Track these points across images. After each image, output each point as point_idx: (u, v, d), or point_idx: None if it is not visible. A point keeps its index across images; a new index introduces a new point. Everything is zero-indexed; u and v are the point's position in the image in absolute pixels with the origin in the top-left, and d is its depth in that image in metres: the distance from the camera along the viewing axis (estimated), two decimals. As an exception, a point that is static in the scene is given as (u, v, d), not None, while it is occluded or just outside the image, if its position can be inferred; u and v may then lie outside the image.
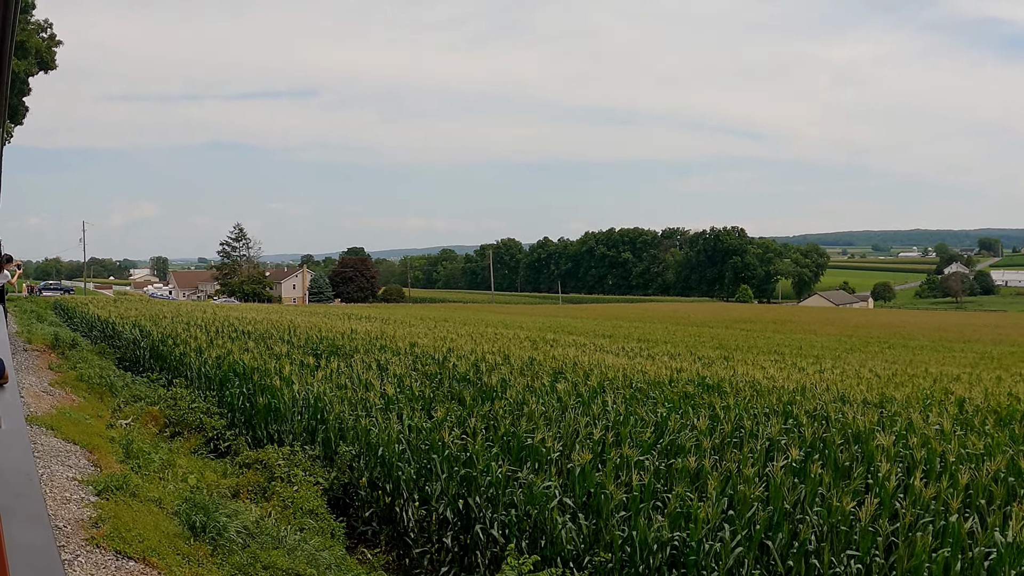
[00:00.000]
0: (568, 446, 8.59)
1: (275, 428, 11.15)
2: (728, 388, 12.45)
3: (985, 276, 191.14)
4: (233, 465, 10.51)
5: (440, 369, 12.84)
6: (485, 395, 10.82)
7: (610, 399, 10.23)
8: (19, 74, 24.36)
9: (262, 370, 12.49)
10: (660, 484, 7.52)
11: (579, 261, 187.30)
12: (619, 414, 9.38)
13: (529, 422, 8.90)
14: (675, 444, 8.77)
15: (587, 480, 7.53)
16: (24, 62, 24.87)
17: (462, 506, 7.93)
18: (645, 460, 8.09)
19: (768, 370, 18.04)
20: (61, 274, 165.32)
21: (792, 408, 10.81)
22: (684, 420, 9.43)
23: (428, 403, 10.34)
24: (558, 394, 10.49)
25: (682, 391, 11.61)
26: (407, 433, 8.95)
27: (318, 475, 9.38)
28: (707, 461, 7.86)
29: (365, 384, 11.26)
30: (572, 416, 9.60)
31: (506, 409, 9.77)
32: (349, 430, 9.70)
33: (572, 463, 7.86)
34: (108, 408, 13.07)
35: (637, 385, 12.08)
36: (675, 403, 10.58)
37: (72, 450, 8.76)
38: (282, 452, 9.80)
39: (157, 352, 17.75)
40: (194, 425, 12.33)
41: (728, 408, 10.43)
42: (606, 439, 8.63)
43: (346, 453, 9.40)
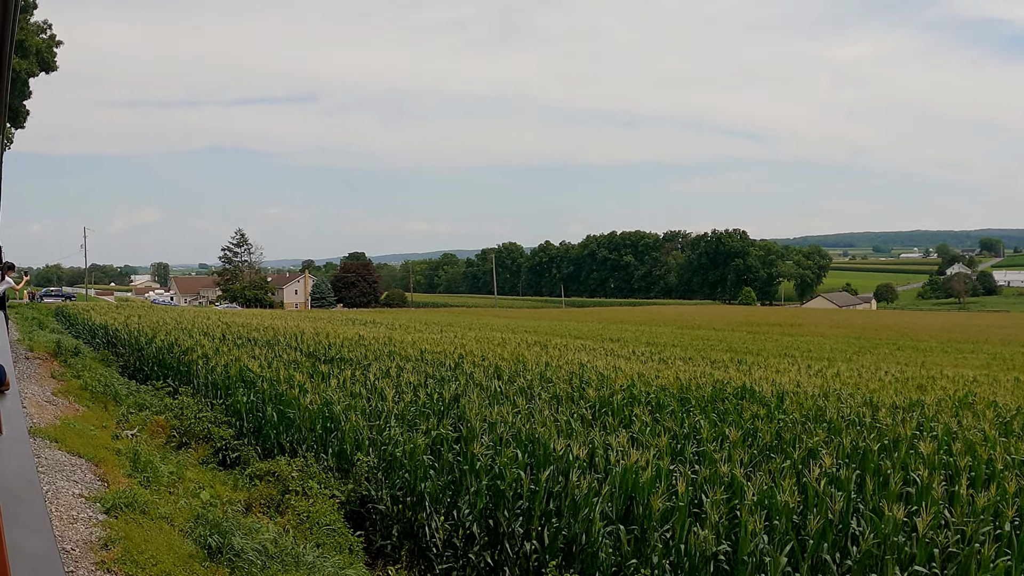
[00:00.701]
0: (593, 453, 8.22)
1: (287, 438, 10.76)
2: (754, 394, 12.06)
3: (987, 276, 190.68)
4: (243, 477, 10.13)
5: (457, 376, 12.46)
6: (500, 402, 10.42)
7: (639, 409, 9.83)
8: (20, 74, 24.05)
9: (272, 378, 12.10)
10: (698, 494, 7.14)
11: (581, 264, 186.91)
12: (644, 423, 8.98)
13: (555, 431, 8.50)
14: (705, 453, 8.40)
15: (627, 488, 7.16)
16: (25, 62, 24.56)
17: (491, 521, 7.54)
18: (675, 469, 7.73)
19: (787, 374, 17.67)
20: (62, 280, 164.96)
21: (823, 414, 10.44)
22: (716, 430, 9.04)
23: (447, 411, 9.94)
24: (588, 400, 10.11)
25: (709, 397, 11.22)
26: (432, 444, 8.56)
27: (333, 487, 9.00)
28: (738, 470, 7.49)
29: (380, 393, 10.87)
30: (598, 425, 9.23)
31: (527, 417, 9.39)
32: (365, 440, 9.31)
33: (604, 471, 7.49)
34: (113, 418, 12.70)
35: (661, 391, 11.68)
36: (704, 410, 10.20)
37: (77, 464, 8.38)
38: (295, 464, 9.41)
39: (162, 360, 17.36)
40: (202, 435, 11.95)
41: (759, 415, 10.07)
42: (625, 447, 8.27)
43: (363, 464, 9.01)
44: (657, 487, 7.10)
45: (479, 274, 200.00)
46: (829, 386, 14.20)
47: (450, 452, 8.42)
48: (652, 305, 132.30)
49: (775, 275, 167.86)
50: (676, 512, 6.72)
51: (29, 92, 27.77)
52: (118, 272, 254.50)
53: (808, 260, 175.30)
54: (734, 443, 8.53)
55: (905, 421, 9.96)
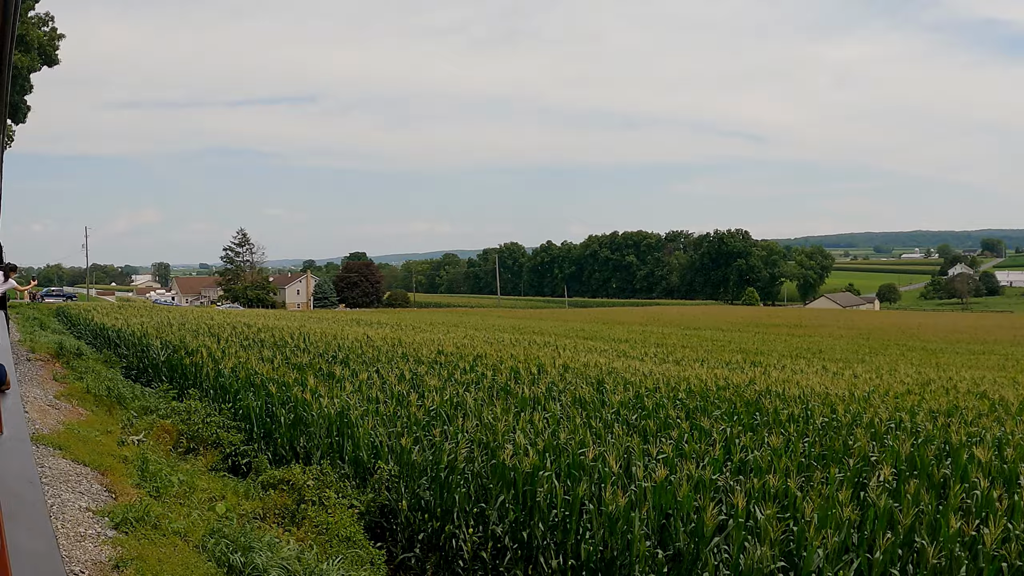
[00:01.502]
0: (629, 463, 7.76)
1: (300, 444, 10.30)
2: (783, 397, 11.61)
3: (990, 277, 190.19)
4: (255, 485, 9.68)
5: (477, 379, 12.00)
6: (526, 406, 9.97)
7: (673, 413, 9.37)
8: (21, 70, 23.57)
9: (283, 381, 11.65)
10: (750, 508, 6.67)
11: (583, 264, 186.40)
12: (684, 430, 8.52)
13: (588, 437, 8.04)
14: (746, 462, 7.95)
15: (666, 500, 6.70)
16: (26, 57, 24.06)
17: (524, 534, 7.09)
18: (718, 479, 7.28)
19: (808, 376, 17.23)
20: (63, 280, 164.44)
21: (860, 418, 9.99)
22: (756, 435, 8.59)
23: (470, 416, 9.48)
24: (614, 406, 9.65)
25: (740, 400, 10.76)
26: (457, 450, 8.10)
27: (352, 497, 8.55)
28: (792, 481, 7.03)
29: (399, 397, 10.42)
30: (626, 431, 8.78)
31: (555, 422, 8.93)
32: (385, 447, 8.86)
33: (642, 481, 7.03)
34: (118, 422, 12.25)
35: (689, 394, 11.23)
36: (739, 414, 9.75)
37: (83, 473, 7.93)
38: (311, 472, 8.96)
39: (167, 362, 16.90)
40: (210, 441, 11.50)
41: (795, 419, 9.64)
42: (669, 455, 7.82)
43: (384, 472, 8.56)
44: (700, 500, 6.67)
45: (481, 274, 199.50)
46: (856, 389, 13.76)
47: (480, 460, 7.96)
48: (655, 305, 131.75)
49: (777, 275, 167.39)
50: (730, 527, 6.27)
51: (30, 87, 27.30)
52: (119, 272, 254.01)
53: (811, 260, 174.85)
54: (777, 451, 8.08)
55: (950, 426, 9.53)
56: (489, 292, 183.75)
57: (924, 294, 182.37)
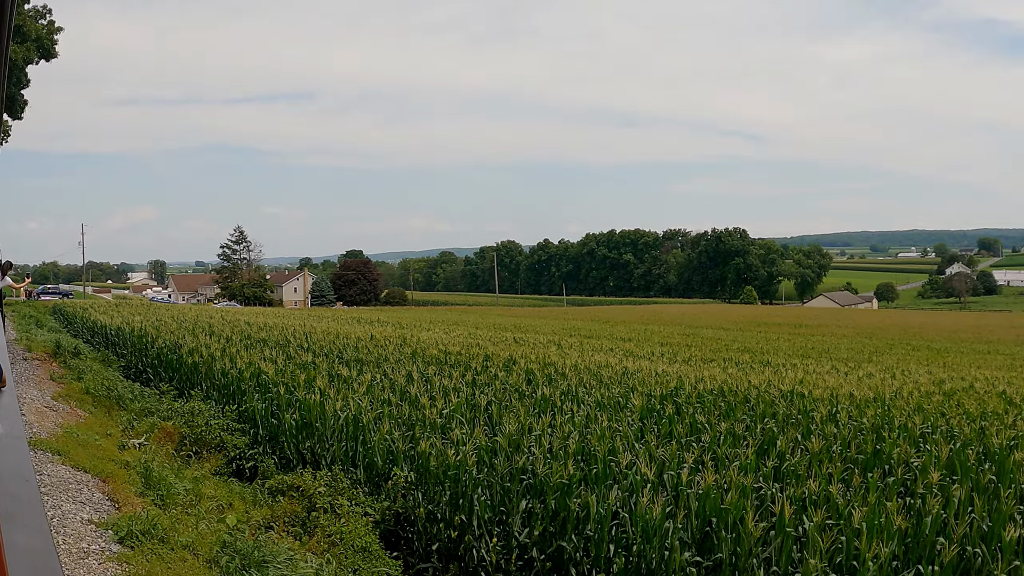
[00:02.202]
0: (662, 469, 7.38)
1: (308, 448, 9.90)
2: (806, 398, 11.24)
3: (988, 276, 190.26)
4: (262, 491, 9.29)
5: (489, 380, 11.61)
6: (545, 409, 9.59)
7: (701, 417, 9.00)
8: (18, 61, 23.08)
9: (290, 382, 11.24)
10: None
11: (580, 263, 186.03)
12: (718, 433, 8.14)
13: (618, 443, 7.66)
14: (782, 467, 7.59)
15: (710, 508, 6.33)
16: (22, 48, 23.57)
17: (552, 545, 6.71)
18: (759, 486, 6.91)
19: (823, 377, 16.88)
20: (59, 278, 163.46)
21: (891, 420, 9.64)
22: (788, 438, 8.21)
23: (489, 420, 9.09)
24: (638, 409, 9.26)
25: (766, 401, 10.39)
26: (483, 456, 7.71)
27: (366, 505, 8.16)
28: (835, 487, 6.67)
29: (411, 399, 10.02)
30: (654, 435, 8.40)
31: (580, 425, 8.55)
32: (401, 452, 8.47)
33: (684, 488, 6.66)
34: (118, 425, 11.84)
35: (711, 395, 10.85)
36: (764, 416, 9.38)
37: (83, 480, 7.52)
38: (322, 478, 8.57)
39: (166, 361, 16.47)
40: (214, 444, 11.11)
41: (826, 421, 9.28)
42: (703, 460, 7.45)
43: (399, 479, 8.17)
44: (745, 509, 6.30)
45: (478, 272, 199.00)
46: (879, 390, 13.40)
47: (502, 466, 7.57)
48: (653, 304, 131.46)
49: (775, 274, 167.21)
50: (773, 537, 5.90)
51: (27, 80, 26.78)
52: (115, 270, 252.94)
53: (808, 259, 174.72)
54: (816, 455, 7.73)
55: (984, 429, 9.18)
56: (486, 290, 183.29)
57: (922, 293, 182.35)
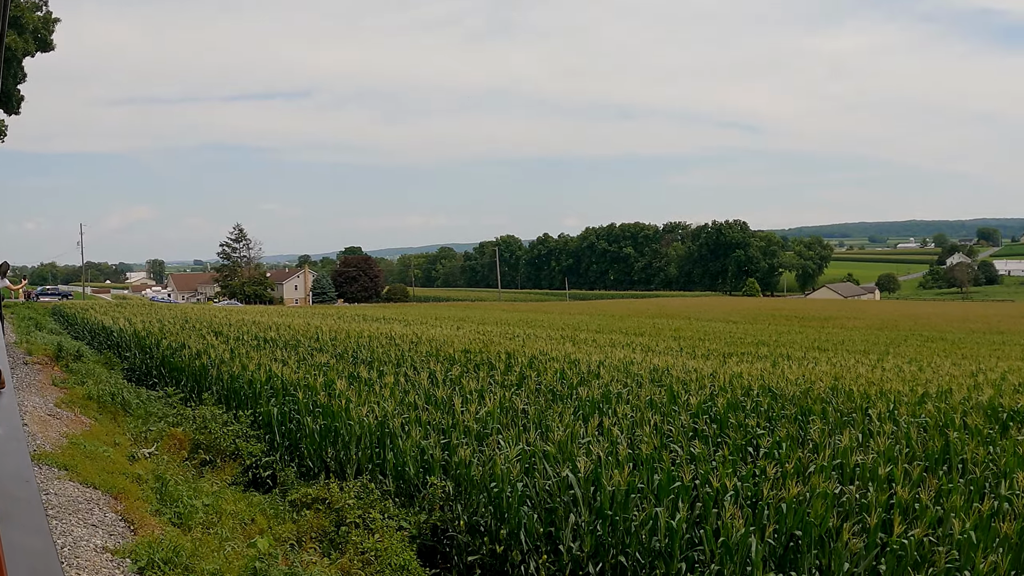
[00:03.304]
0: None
1: (331, 456, 9.26)
2: (852, 394, 10.61)
3: (989, 266, 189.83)
4: (284, 503, 8.66)
5: (518, 380, 10.96)
6: (589, 411, 8.95)
7: (761, 420, 8.36)
8: (16, 52, 22.36)
9: (308, 385, 10.59)
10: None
11: (580, 257, 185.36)
12: (784, 436, 7.51)
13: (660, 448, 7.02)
14: (855, 470, 6.98)
15: (795, 521, 5.71)
16: (20, 40, 22.83)
17: (612, 563, 6.08)
18: (842, 492, 6.32)
19: (853, 370, 16.27)
20: (57, 278, 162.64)
21: (954, 419, 9.02)
22: (851, 438, 7.58)
23: (528, 424, 8.44)
24: (692, 408, 8.63)
25: (813, 398, 9.76)
26: (530, 463, 7.08)
27: (400, 518, 7.53)
28: (924, 493, 6.06)
29: (439, 402, 9.38)
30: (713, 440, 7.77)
31: (628, 430, 7.92)
32: (436, 460, 7.83)
33: (766, 500, 6.03)
34: (125, 432, 11.21)
35: (764, 393, 10.21)
36: (815, 415, 8.75)
37: (93, 498, 6.89)
38: (351, 488, 7.94)
39: (172, 363, 15.81)
40: (228, 452, 10.47)
41: (884, 419, 8.67)
42: (766, 466, 6.82)
43: (436, 490, 7.53)
44: (832, 519, 5.69)
45: (477, 267, 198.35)
46: (928, 384, 12.77)
47: (551, 475, 6.93)
48: (656, 297, 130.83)
49: (776, 266, 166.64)
50: (869, 553, 5.27)
51: (24, 75, 26.05)
52: (113, 270, 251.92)
53: (809, 251, 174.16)
54: (889, 456, 7.11)
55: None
56: (485, 285, 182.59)
57: (923, 283, 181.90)
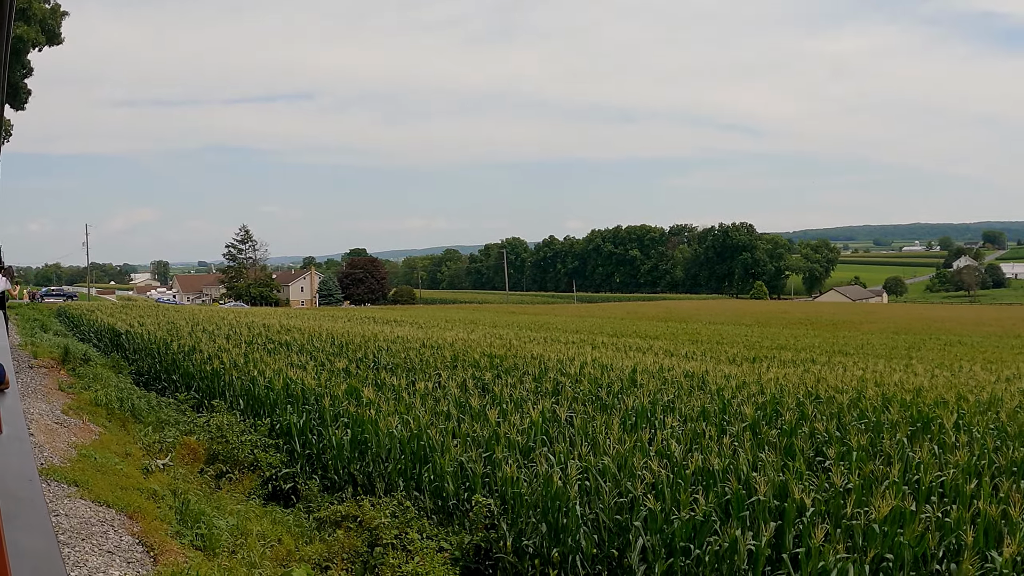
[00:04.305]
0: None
1: (358, 469, 8.64)
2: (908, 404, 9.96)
3: (996, 269, 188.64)
4: (309, 520, 8.05)
5: (553, 387, 10.33)
6: (638, 422, 8.32)
7: (824, 425, 7.72)
8: (27, 44, 21.85)
9: (333, 394, 9.97)
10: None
11: (586, 259, 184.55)
12: (863, 447, 6.86)
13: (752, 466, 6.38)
14: (934, 484, 6.36)
15: (885, 544, 5.08)
16: (31, 29, 22.33)
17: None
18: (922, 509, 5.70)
19: (892, 375, 15.63)
20: (61, 279, 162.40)
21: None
22: (925, 449, 6.93)
23: (576, 437, 7.80)
24: (747, 418, 7.99)
25: (870, 406, 9.11)
26: (586, 480, 6.45)
27: (440, 537, 6.91)
28: (1013, 510, 5.45)
29: (475, 411, 8.75)
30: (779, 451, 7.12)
31: (688, 442, 7.28)
32: (479, 476, 7.20)
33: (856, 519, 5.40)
34: (136, 441, 10.59)
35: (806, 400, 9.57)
36: (879, 423, 8.11)
37: (107, 519, 6.26)
38: (386, 506, 7.31)
39: (183, 368, 15.20)
40: (247, 463, 9.86)
41: (951, 428, 8.03)
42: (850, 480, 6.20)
43: (481, 508, 6.91)
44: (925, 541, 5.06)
45: (483, 270, 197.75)
46: (962, 389, 12.11)
47: (608, 493, 6.30)
48: (663, 300, 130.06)
49: (783, 269, 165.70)
50: None
51: (30, 68, 25.47)
52: (117, 271, 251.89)
53: (816, 253, 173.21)
54: (966, 468, 6.48)
55: None
56: (491, 288, 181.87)
57: (930, 287, 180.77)
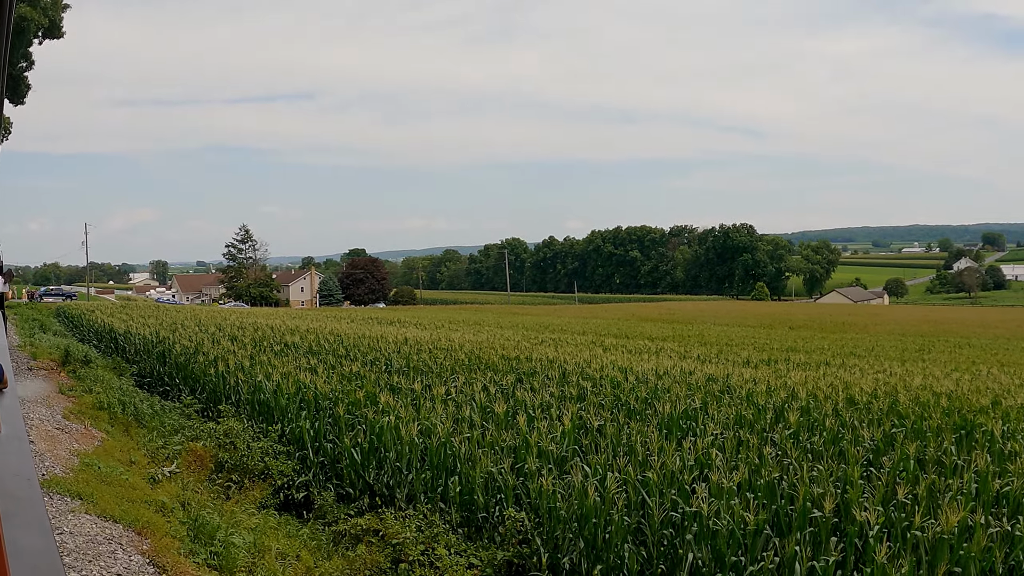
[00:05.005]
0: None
1: (377, 479, 8.19)
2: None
3: (996, 271, 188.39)
4: (326, 532, 7.61)
5: (579, 393, 9.88)
6: (672, 429, 7.88)
7: (867, 432, 7.29)
8: (29, 22, 21.38)
9: (350, 400, 9.52)
10: None
11: (586, 260, 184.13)
12: (912, 454, 6.43)
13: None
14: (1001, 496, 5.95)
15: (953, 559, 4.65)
16: (35, 11, 21.84)
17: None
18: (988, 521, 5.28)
19: (916, 378, 15.20)
20: (60, 279, 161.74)
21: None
22: (977, 459, 6.50)
23: (611, 446, 7.36)
24: (792, 426, 7.56)
25: (918, 413, 8.67)
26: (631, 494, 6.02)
27: (470, 553, 6.47)
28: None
29: (501, 419, 8.30)
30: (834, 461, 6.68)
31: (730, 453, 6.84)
32: (510, 488, 6.76)
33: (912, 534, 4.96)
34: (140, 447, 10.16)
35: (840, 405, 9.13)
36: (922, 432, 7.68)
37: (115, 535, 5.82)
38: (412, 519, 6.88)
39: (188, 370, 14.76)
40: (257, 470, 9.42)
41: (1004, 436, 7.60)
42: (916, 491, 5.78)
43: (515, 523, 6.48)
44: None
45: (483, 270, 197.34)
46: (994, 394, 11.68)
47: (656, 508, 5.86)
48: (664, 301, 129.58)
49: (783, 270, 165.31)
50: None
51: (32, 61, 25.05)
52: (116, 271, 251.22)
53: (817, 255, 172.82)
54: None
55: None
56: (490, 288, 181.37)
57: (930, 288, 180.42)
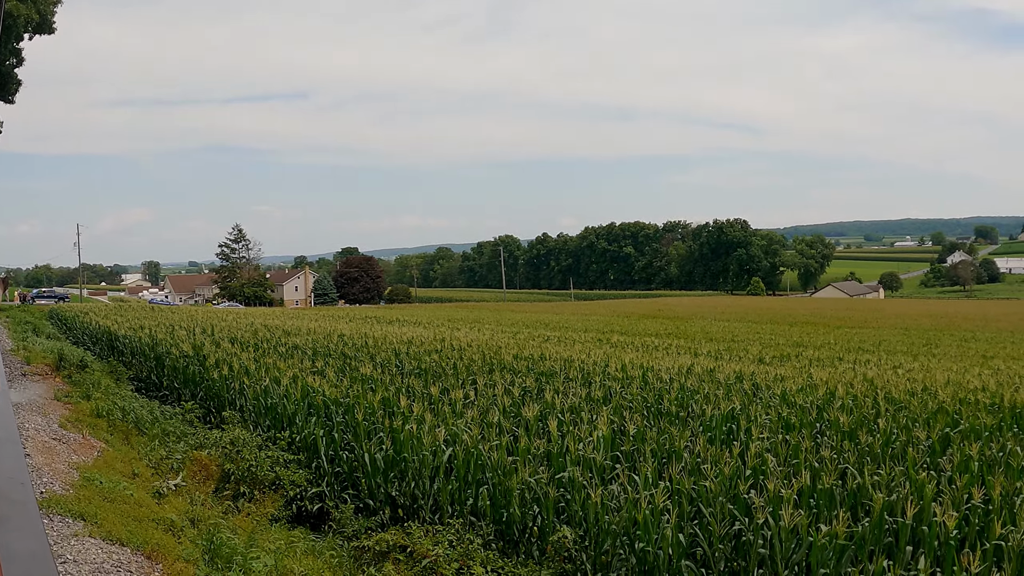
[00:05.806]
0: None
1: (399, 491, 7.67)
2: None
3: (990, 264, 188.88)
4: (345, 547, 7.10)
5: (604, 395, 9.37)
6: (716, 434, 7.39)
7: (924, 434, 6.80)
8: (18, 19, 20.71)
9: (368, 406, 8.99)
10: None
11: (580, 256, 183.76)
12: (976, 455, 5.95)
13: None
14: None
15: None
16: (24, 5, 21.17)
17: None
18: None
19: (936, 373, 14.79)
20: (52, 281, 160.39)
21: None
22: None
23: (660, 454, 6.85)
24: (845, 426, 7.08)
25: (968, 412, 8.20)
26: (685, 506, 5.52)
27: (509, 571, 5.98)
28: None
29: (531, 425, 7.79)
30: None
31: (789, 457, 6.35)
32: (551, 501, 6.25)
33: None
34: (142, 457, 9.60)
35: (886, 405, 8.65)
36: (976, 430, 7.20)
37: (123, 562, 5.28)
38: (444, 535, 6.38)
39: (188, 374, 14.18)
40: (267, 481, 8.89)
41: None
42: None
43: (565, 540, 5.97)
44: None
45: (476, 268, 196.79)
46: None
47: (717, 524, 5.36)
48: (659, 297, 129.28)
49: (778, 265, 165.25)
50: None
51: (22, 57, 24.34)
52: (108, 272, 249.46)
53: (811, 249, 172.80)
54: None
55: None
56: (484, 285, 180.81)
57: (925, 282, 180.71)
